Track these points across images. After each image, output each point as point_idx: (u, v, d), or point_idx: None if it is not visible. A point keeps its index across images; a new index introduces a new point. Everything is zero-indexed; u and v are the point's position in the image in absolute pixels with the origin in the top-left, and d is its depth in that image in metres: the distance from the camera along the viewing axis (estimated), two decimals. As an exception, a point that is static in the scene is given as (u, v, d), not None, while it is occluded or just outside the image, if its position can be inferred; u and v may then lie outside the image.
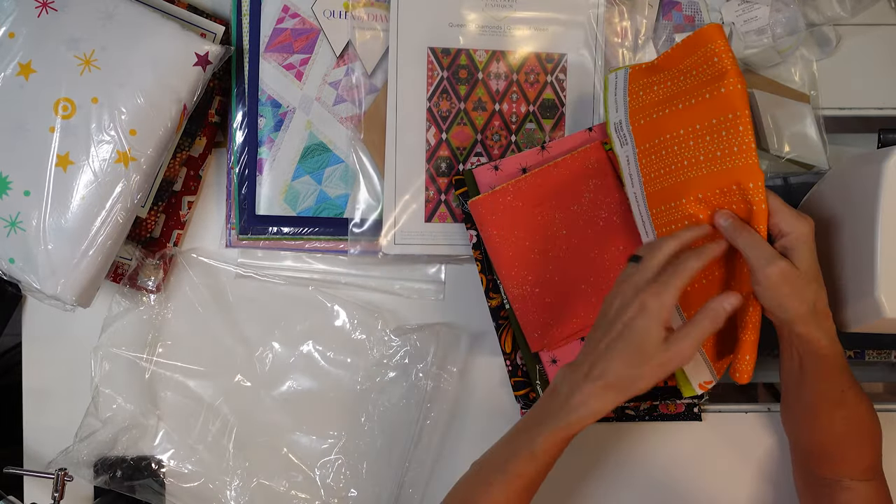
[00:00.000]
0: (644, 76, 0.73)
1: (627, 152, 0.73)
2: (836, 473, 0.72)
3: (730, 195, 0.65)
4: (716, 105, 0.65)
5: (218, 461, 0.83)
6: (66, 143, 0.70)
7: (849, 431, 0.70)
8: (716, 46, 0.65)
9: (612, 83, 0.76)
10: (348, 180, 0.82)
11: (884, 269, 0.65)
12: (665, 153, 0.69)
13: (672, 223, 0.69)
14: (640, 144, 0.71)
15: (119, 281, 0.80)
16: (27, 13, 0.71)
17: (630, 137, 0.72)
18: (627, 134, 0.72)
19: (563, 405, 0.63)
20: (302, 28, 0.81)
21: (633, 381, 0.60)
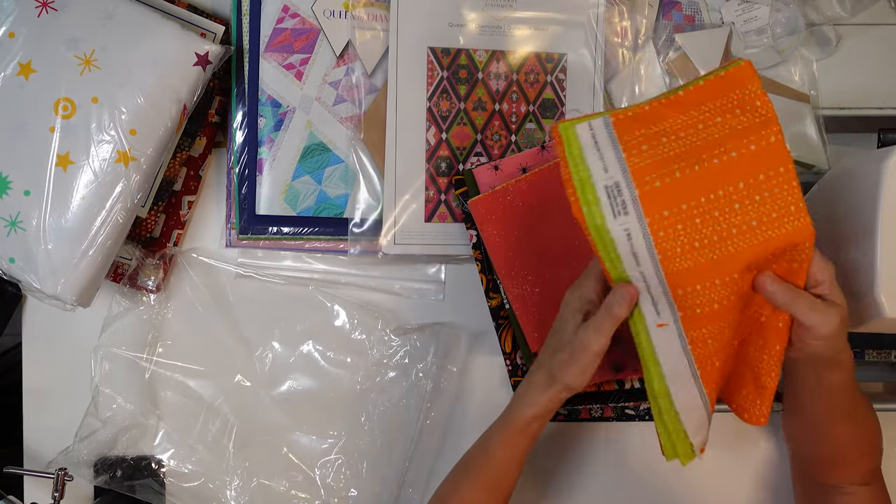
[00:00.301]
0: (642, 125, 0.57)
1: (628, 225, 0.54)
2: (836, 480, 0.72)
3: (779, 258, 0.57)
4: (763, 158, 0.55)
5: (218, 461, 0.83)
6: (66, 142, 0.70)
7: (855, 443, 0.71)
8: (754, 87, 0.56)
9: (583, 136, 0.57)
10: (348, 180, 0.82)
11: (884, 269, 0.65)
12: (700, 222, 0.54)
13: (714, 302, 0.57)
14: (654, 213, 0.54)
15: (119, 281, 0.80)
16: (27, 13, 0.71)
17: (635, 206, 0.54)
18: (630, 202, 0.54)
19: (511, 401, 0.68)
20: (302, 28, 0.81)
21: (554, 368, 0.63)
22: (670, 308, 0.58)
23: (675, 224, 0.55)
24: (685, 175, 0.54)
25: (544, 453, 0.84)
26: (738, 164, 0.55)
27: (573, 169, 0.56)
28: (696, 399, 0.62)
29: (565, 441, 0.84)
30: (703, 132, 0.56)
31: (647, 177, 0.54)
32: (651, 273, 0.56)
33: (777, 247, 0.55)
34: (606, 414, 0.83)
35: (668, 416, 0.62)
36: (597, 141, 0.56)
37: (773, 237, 0.55)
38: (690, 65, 0.83)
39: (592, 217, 0.55)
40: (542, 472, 0.84)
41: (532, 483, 0.84)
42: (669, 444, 0.63)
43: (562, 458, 0.84)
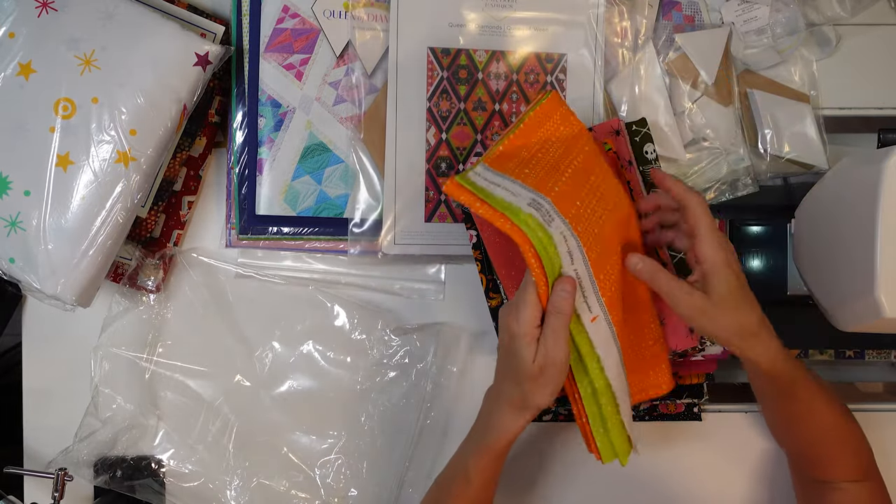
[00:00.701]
0: (509, 160, 0.67)
1: (560, 228, 0.61)
2: (825, 475, 0.73)
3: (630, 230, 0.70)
4: (590, 160, 0.68)
5: (218, 461, 0.83)
6: (66, 143, 0.70)
7: (823, 438, 0.72)
8: (564, 110, 0.71)
9: (477, 180, 0.65)
10: (348, 180, 0.82)
11: (884, 269, 0.65)
12: (590, 213, 0.65)
13: (614, 285, 0.66)
14: (568, 212, 0.63)
15: (119, 281, 0.80)
16: (27, 13, 0.71)
17: (555, 212, 0.62)
18: (550, 210, 0.61)
19: (484, 427, 0.68)
20: (302, 28, 0.81)
21: (525, 397, 0.64)
22: (597, 298, 0.64)
23: (580, 218, 0.63)
24: (564, 180, 0.65)
25: (544, 454, 0.84)
26: (583, 165, 0.67)
27: (493, 203, 0.62)
28: (626, 387, 0.66)
29: (565, 441, 0.84)
30: (552, 151, 0.67)
31: (545, 187, 0.63)
32: (581, 267, 0.63)
33: (625, 221, 0.69)
34: (606, 414, 0.83)
35: (609, 412, 0.66)
36: (488, 180, 0.64)
37: (622, 214, 0.68)
38: (690, 65, 0.83)
39: (534, 231, 0.60)
40: (541, 472, 0.84)
41: (532, 483, 0.84)
42: (607, 445, 0.66)
43: (561, 458, 0.84)
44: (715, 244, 0.64)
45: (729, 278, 0.63)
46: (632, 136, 0.79)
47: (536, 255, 0.60)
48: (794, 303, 0.88)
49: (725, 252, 0.64)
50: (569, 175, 0.65)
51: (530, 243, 0.60)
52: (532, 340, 0.62)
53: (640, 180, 0.79)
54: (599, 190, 0.67)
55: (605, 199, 0.67)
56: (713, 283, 0.63)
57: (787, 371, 0.67)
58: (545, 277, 0.61)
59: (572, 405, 0.67)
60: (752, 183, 0.84)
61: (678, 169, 0.84)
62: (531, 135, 0.69)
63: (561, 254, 0.61)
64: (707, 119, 0.83)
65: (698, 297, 0.64)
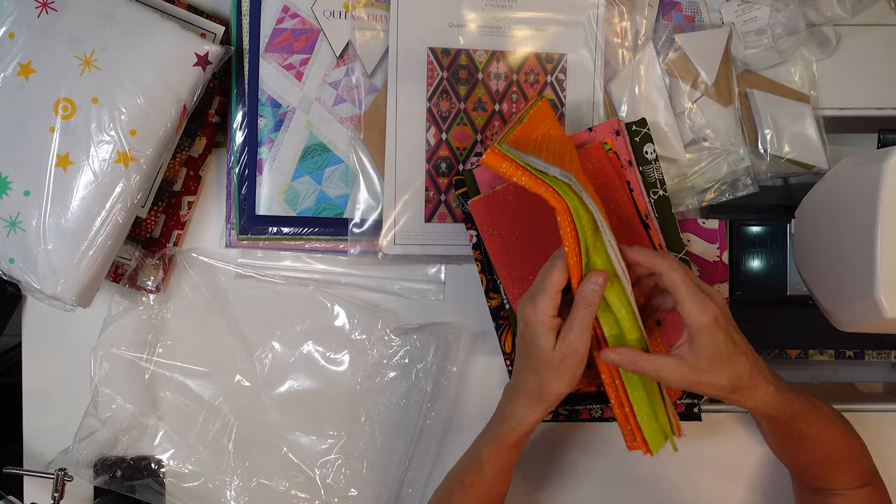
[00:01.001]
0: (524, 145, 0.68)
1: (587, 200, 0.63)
2: (825, 485, 0.73)
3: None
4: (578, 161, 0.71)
5: (218, 461, 0.83)
6: (66, 143, 0.70)
7: (824, 459, 0.72)
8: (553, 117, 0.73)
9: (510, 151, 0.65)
10: (348, 180, 0.82)
11: (884, 269, 0.65)
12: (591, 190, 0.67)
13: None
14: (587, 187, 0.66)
15: (119, 281, 0.80)
16: (27, 13, 0.71)
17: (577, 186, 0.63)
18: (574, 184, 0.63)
19: (500, 418, 0.69)
20: (302, 28, 0.81)
21: (543, 388, 0.64)
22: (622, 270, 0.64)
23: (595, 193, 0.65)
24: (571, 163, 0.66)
25: (544, 454, 0.84)
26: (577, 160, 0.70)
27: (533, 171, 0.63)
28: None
29: (565, 441, 0.84)
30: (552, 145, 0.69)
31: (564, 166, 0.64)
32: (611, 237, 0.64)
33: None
34: (606, 414, 0.82)
35: (653, 391, 0.66)
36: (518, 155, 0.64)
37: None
38: (690, 65, 0.83)
39: (572, 200, 0.61)
40: (541, 472, 0.84)
41: (532, 483, 0.84)
42: (656, 430, 0.66)
43: (561, 458, 0.84)
44: (697, 306, 0.61)
45: (715, 338, 0.61)
46: (632, 137, 0.79)
47: (572, 221, 0.61)
48: (794, 303, 0.88)
49: (708, 312, 0.61)
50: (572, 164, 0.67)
51: (567, 208, 0.61)
52: (549, 329, 0.63)
53: (639, 180, 0.79)
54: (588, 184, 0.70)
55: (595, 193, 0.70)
56: (699, 345, 0.62)
57: (784, 410, 0.66)
58: (578, 247, 0.62)
59: (610, 393, 0.66)
60: (752, 183, 0.84)
61: (678, 169, 0.84)
62: (531, 131, 0.71)
63: (598, 222, 0.62)
64: (707, 119, 0.83)
65: (685, 368, 0.62)
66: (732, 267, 0.84)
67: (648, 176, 0.79)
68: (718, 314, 0.62)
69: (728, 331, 0.63)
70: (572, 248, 0.62)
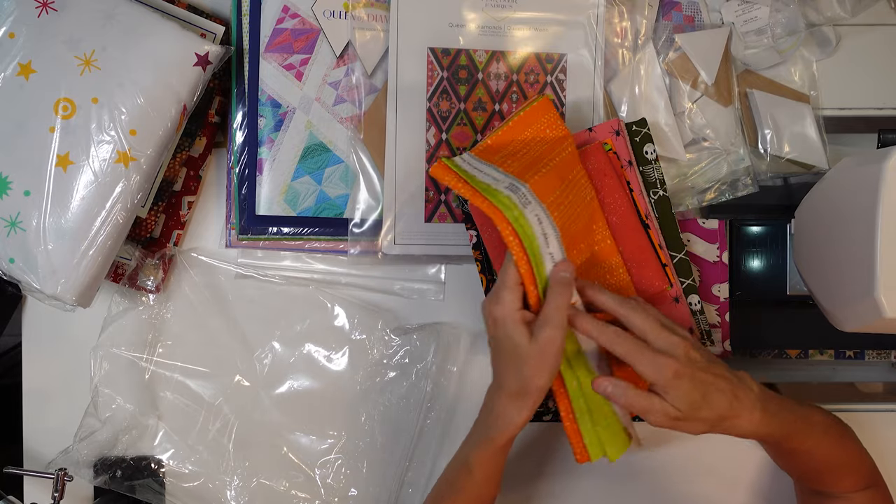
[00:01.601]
0: (496, 152, 0.71)
1: (536, 211, 0.64)
2: (828, 489, 0.73)
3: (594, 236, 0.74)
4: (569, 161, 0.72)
5: (218, 461, 0.83)
6: (66, 143, 0.70)
7: (825, 466, 0.72)
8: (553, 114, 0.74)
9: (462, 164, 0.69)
10: (348, 180, 0.82)
11: (884, 269, 0.65)
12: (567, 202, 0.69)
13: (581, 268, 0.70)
14: (545, 197, 0.66)
15: (119, 281, 0.80)
16: (27, 13, 0.71)
17: (532, 196, 0.65)
18: (527, 193, 0.65)
19: (486, 421, 0.67)
20: (302, 28, 0.81)
21: (526, 383, 0.63)
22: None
23: (556, 206, 0.67)
24: (544, 172, 0.68)
25: (544, 453, 0.84)
26: (562, 163, 0.70)
27: (474, 184, 0.66)
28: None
29: (565, 441, 0.84)
30: (535, 148, 0.71)
31: (526, 175, 0.67)
32: (557, 251, 0.65)
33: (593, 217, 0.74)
34: (606, 414, 0.83)
35: (597, 404, 0.66)
36: (472, 165, 0.69)
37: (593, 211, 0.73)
38: (690, 65, 0.83)
39: (510, 210, 0.62)
40: (541, 472, 0.84)
41: (532, 483, 0.84)
42: (595, 440, 0.66)
43: (561, 458, 0.84)
44: (650, 369, 0.62)
45: (679, 391, 0.62)
46: (632, 137, 0.79)
47: (514, 232, 0.62)
48: (794, 303, 0.88)
49: (664, 370, 0.61)
50: (547, 170, 0.68)
51: (507, 220, 0.62)
52: (519, 322, 0.62)
53: (639, 180, 0.79)
54: (576, 187, 0.71)
55: (580, 196, 0.71)
56: (669, 398, 0.62)
57: (773, 432, 0.66)
58: (525, 254, 0.62)
59: (559, 403, 0.67)
60: (752, 183, 0.84)
61: (678, 169, 0.84)
62: (518, 133, 0.73)
63: (536, 234, 0.63)
64: (707, 119, 0.83)
65: (670, 409, 0.62)
66: (732, 267, 0.84)
67: (648, 176, 0.79)
68: (677, 367, 0.62)
69: (694, 376, 0.62)
70: (521, 257, 0.62)
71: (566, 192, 0.69)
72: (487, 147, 0.72)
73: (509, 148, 0.72)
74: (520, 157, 0.70)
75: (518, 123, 0.73)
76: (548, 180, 0.67)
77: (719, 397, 0.63)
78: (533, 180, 0.66)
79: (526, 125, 0.73)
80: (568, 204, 0.69)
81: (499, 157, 0.70)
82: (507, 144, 0.72)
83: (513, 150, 0.71)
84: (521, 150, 0.71)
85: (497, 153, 0.71)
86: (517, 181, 0.65)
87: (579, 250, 0.71)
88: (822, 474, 0.72)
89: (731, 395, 0.64)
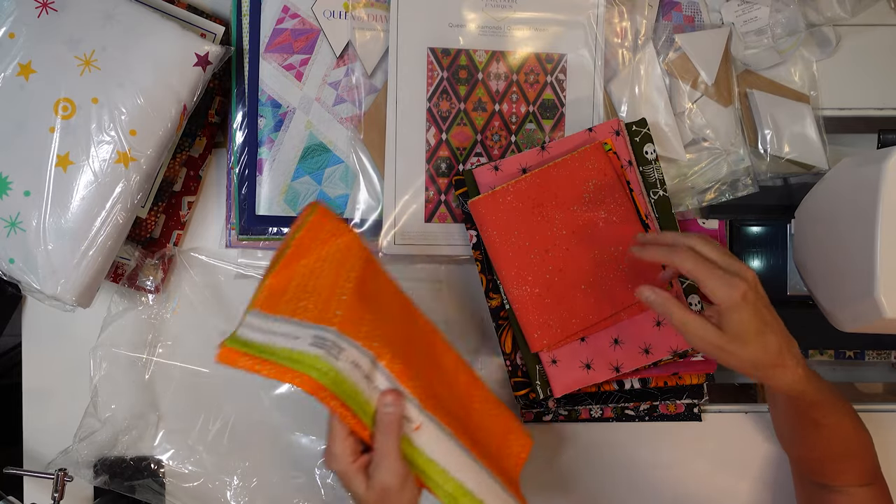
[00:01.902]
0: (280, 295, 0.62)
1: (351, 356, 0.57)
2: (829, 481, 0.73)
3: None
4: (367, 270, 0.64)
5: (218, 461, 0.83)
6: (66, 143, 0.70)
7: (832, 449, 0.71)
8: (332, 225, 0.65)
9: (254, 335, 0.59)
10: (348, 180, 0.82)
11: (884, 269, 0.65)
12: (381, 325, 0.61)
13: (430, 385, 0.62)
14: (355, 334, 0.59)
15: (119, 281, 0.80)
16: (27, 13, 0.71)
17: (342, 339, 0.58)
18: (336, 338, 0.57)
19: None
20: (302, 28, 0.81)
21: None
22: (415, 407, 0.59)
23: (373, 333, 0.59)
24: (345, 301, 0.60)
25: (544, 454, 0.84)
26: (361, 275, 0.63)
27: (276, 358, 0.57)
28: (490, 480, 0.61)
29: (565, 441, 0.84)
30: (325, 271, 0.63)
31: (326, 317, 0.59)
32: (386, 384, 0.58)
33: (409, 316, 0.68)
34: (606, 414, 0.83)
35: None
36: (264, 330, 0.59)
37: (407, 312, 0.68)
38: (690, 65, 0.83)
39: (323, 374, 0.56)
40: (541, 472, 0.84)
41: (532, 483, 0.84)
42: None
43: (561, 458, 0.84)
44: (719, 285, 0.61)
45: (742, 315, 0.61)
46: (632, 137, 0.79)
47: (332, 394, 0.56)
48: (794, 303, 0.88)
49: (734, 290, 0.60)
50: (349, 292, 0.61)
51: (321, 387, 0.55)
52: (356, 472, 0.58)
53: (639, 181, 0.79)
54: (383, 295, 0.65)
55: (392, 302, 0.66)
56: (726, 321, 0.61)
57: (808, 395, 0.66)
58: (349, 410, 0.57)
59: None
60: (752, 183, 0.84)
61: (678, 169, 0.84)
62: (300, 258, 0.64)
63: (356, 381, 0.57)
64: (707, 119, 0.83)
65: (712, 332, 0.62)
66: (732, 267, 0.84)
67: (648, 176, 0.79)
68: (746, 290, 0.61)
69: (758, 307, 0.62)
70: (346, 416, 0.57)
71: (377, 310, 0.62)
72: (272, 291, 0.62)
73: (296, 281, 0.63)
74: (312, 291, 0.62)
75: (298, 248, 0.64)
76: (353, 310, 0.60)
77: (773, 339, 0.63)
78: (337, 319, 0.58)
79: (306, 248, 0.64)
80: (383, 320, 0.62)
81: (288, 300, 0.61)
82: (293, 278, 0.63)
83: (301, 285, 0.62)
84: (308, 281, 0.62)
85: (284, 295, 0.62)
86: (321, 329, 0.58)
87: (414, 357, 0.63)
88: (828, 461, 0.72)
89: (784, 342, 0.63)
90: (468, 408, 0.67)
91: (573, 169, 0.77)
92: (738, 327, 0.61)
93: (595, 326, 0.76)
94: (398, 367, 0.59)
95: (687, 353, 0.77)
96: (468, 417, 0.65)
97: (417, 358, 0.63)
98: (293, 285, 0.62)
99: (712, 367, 0.81)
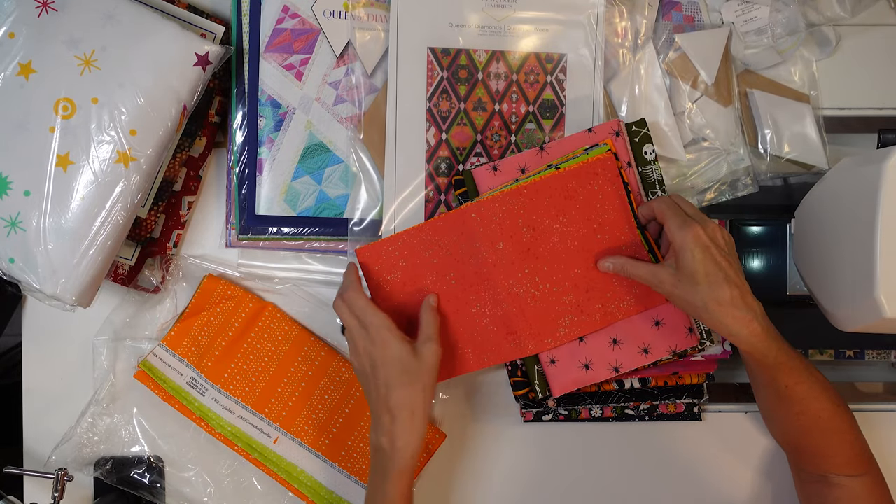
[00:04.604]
0: (183, 336, 0.81)
1: (213, 395, 0.81)
2: (818, 468, 0.73)
3: None
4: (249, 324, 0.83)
5: (217, 461, 0.83)
6: (66, 143, 0.70)
7: (815, 426, 0.71)
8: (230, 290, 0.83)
9: (159, 364, 0.81)
10: (348, 180, 0.82)
11: (884, 269, 0.65)
12: (245, 368, 0.82)
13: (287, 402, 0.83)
14: (216, 380, 0.81)
15: (119, 281, 0.80)
16: (27, 13, 0.71)
17: (208, 383, 0.81)
18: (205, 383, 0.81)
19: (391, 455, 0.68)
20: (302, 28, 0.81)
21: (418, 395, 0.67)
22: (270, 426, 0.81)
23: (232, 378, 0.81)
24: (218, 355, 0.81)
25: (544, 454, 0.84)
26: (243, 328, 0.82)
27: (167, 387, 0.81)
28: (338, 475, 0.81)
29: (565, 441, 0.84)
30: (215, 322, 0.82)
31: (202, 363, 0.81)
32: (243, 412, 0.81)
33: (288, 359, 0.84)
34: (606, 414, 0.83)
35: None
36: (167, 363, 0.81)
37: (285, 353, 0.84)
38: (690, 65, 0.83)
39: (192, 403, 0.81)
40: (541, 472, 0.84)
41: (532, 483, 0.84)
42: None
43: (561, 458, 0.84)
44: (677, 224, 0.67)
45: (693, 255, 0.66)
46: (631, 137, 0.79)
47: (199, 418, 0.80)
48: (794, 303, 0.88)
49: (689, 229, 0.66)
50: (221, 350, 0.81)
51: (192, 413, 0.80)
52: (395, 334, 0.68)
53: (638, 181, 0.79)
54: (256, 346, 0.82)
55: (263, 347, 0.82)
56: (678, 260, 0.67)
57: (769, 354, 0.67)
58: (211, 428, 0.80)
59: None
60: (752, 183, 0.84)
61: (678, 169, 0.84)
62: (201, 308, 0.82)
63: (217, 412, 0.80)
64: (707, 119, 0.83)
65: (664, 272, 0.68)
66: (732, 267, 0.84)
67: (647, 177, 0.79)
68: (701, 234, 0.66)
69: (710, 252, 0.66)
70: (212, 432, 0.81)
71: (245, 358, 0.81)
72: (179, 332, 0.81)
73: (193, 330, 0.81)
74: (199, 340, 0.81)
75: (194, 307, 0.82)
76: (221, 364, 0.81)
77: (725, 286, 0.65)
78: (207, 369, 0.80)
79: (204, 302, 0.82)
80: (247, 367, 0.81)
81: (186, 342, 0.81)
82: (191, 328, 0.81)
83: (198, 332, 0.81)
84: (202, 331, 0.81)
85: (185, 337, 0.81)
86: (196, 372, 0.80)
87: (276, 387, 0.81)
88: (817, 438, 0.72)
89: (736, 291, 0.66)
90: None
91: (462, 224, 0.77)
92: (689, 266, 0.66)
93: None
94: (253, 400, 0.81)
95: (686, 352, 0.77)
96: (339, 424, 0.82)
97: (283, 387, 0.81)
98: (191, 334, 0.81)
99: (712, 367, 0.81)
